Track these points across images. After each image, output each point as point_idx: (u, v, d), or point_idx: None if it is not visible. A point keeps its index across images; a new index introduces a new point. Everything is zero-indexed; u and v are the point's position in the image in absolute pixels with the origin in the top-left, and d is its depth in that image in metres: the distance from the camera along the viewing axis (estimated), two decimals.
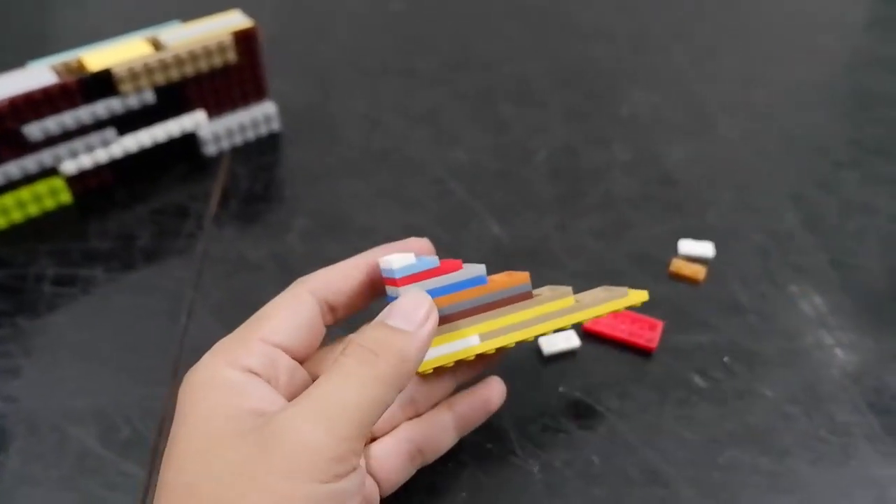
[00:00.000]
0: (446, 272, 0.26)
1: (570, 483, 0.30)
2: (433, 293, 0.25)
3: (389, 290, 0.26)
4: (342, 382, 0.23)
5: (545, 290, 0.29)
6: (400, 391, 0.23)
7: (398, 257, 0.25)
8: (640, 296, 0.29)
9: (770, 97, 0.53)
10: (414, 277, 0.25)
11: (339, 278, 0.27)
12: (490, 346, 0.27)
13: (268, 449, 0.21)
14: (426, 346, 0.24)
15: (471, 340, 0.26)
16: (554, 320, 0.28)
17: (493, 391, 0.30)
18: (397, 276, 0.25)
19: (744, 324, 0.36)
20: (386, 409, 0.23)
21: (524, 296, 0.27)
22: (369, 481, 0.26)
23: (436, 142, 0.48)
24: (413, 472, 0.28)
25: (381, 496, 0.27)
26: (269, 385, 0.24)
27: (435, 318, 0.25)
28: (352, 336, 0.24)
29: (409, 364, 0.23)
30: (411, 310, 0.24)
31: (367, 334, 0.24)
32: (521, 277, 0.27)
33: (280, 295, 0.26)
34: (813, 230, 0.42)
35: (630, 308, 0.29)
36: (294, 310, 0.26)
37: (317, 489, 0.21)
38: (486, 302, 0.27)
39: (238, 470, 0.21)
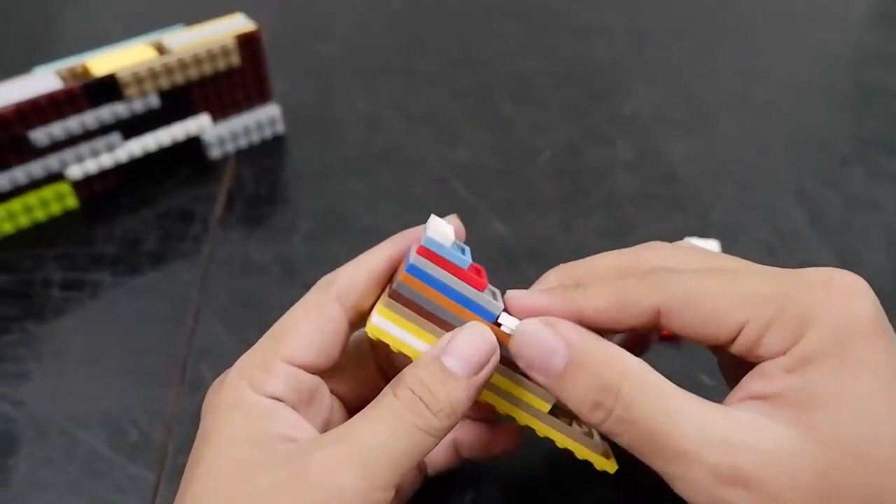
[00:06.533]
0: (468, 280, 0.23)
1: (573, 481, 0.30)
2: (438, 288, 0.23)
3: (411, 253, 0.23)
4: (385, 428, 0.22)
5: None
6: (440, 440, 0.23)
7: (444, 229, 0.23)
8: (606, 465, 0.25)
9: (772, 93, 0.53)
10: (435, 258, 0.23)
11: (367, 279, 0.25)
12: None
13: (300, 483, 0.21)
14: (477, 394, 0.23)
15: None
16: (526, 414, 0.25)
17: None
18: (426, 246, 0.23)
19: None
20: (424, 456, 0.22)
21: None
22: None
23: (437, 141, 0.48)
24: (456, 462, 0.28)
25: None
26: (295, 410, 0.24)
27: (494, 363, 0.23)
28: (403, 372, 0.23)
29: (458, 416, 0.22)
30: (471, 352, 0.22)
31: (420, 376, 0.22)
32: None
33: (304, 302, 0.25)
34: (818, 227, 0.42)
35: (588, 461, 0.25)
36: (320, 325, 0.24)
37: None
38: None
39: (267, 498, 0.21)
